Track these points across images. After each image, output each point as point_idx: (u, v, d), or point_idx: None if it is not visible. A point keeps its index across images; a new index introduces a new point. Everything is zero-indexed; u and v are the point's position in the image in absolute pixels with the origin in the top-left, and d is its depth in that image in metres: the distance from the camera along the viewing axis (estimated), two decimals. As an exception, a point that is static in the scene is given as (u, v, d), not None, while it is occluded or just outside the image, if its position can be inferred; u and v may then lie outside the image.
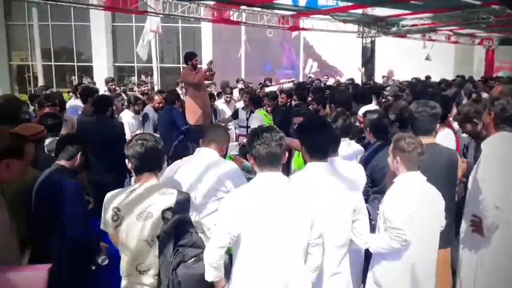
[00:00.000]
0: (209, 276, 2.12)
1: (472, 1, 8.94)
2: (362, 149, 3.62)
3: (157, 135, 5.37)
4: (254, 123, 4.90)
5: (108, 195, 2.27)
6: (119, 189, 2.32)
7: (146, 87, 8.75)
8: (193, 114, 5.85)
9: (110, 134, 4.35)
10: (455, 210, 2.93)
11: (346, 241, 2.41)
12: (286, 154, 2.23)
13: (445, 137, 3.60)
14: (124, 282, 2.27)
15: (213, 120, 6.72)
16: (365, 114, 3.69)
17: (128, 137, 6.02)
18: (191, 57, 5.80)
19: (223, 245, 2.07)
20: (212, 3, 8.83)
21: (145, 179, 2.26)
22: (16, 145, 2.19)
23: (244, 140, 6.61)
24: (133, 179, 2.69)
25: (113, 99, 5.70)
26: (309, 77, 13.77)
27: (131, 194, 2.23)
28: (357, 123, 4.26)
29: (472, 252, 2.83)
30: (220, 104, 7.84)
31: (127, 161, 2.27)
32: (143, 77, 10.72)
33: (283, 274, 2.07)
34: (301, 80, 15.62)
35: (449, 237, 2.88)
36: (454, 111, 4.21)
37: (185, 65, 6.03)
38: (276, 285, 2.06)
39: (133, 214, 2.20)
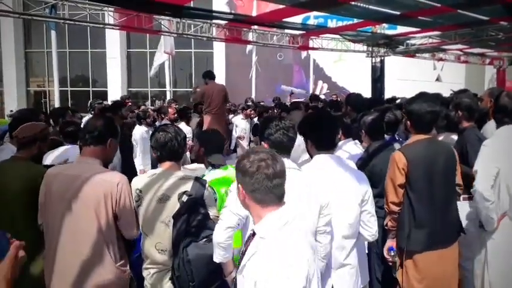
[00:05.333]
0: (217, 257, 2.14)
1: (480, 17, 9.02)
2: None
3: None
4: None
5: (134, 179, 2.45)
6: (145, 173, 2.53)
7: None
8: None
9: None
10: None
11: (355, 232, 2.40)
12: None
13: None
14: (145, 263, 2.34)
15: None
16: (361, 116, 3.69)
17: (141, 150, 6.33)
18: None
19: (231, 225, 2.09)
20: (224, 23, 9.08)
21: (166, 166, 2.44)
22: (115, 126, 2.51)
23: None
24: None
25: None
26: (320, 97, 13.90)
27: (152, 177, 2.39)
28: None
29: (479, 250, 2.80)
30: (238, 120, 8.10)
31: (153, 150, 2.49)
32: (157, 102, 11.08)
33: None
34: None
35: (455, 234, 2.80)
36: None
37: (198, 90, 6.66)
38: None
39: (153, 196, 2.33)
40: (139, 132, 6.48)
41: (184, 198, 2.28)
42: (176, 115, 6.70)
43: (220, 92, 6.90)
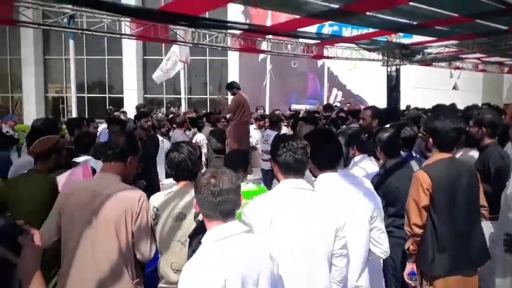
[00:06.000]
0: None
1: (499, 26, 8.86)
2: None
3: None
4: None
5: (152, 196, 2.46)
6: (162, 191, 2.53)
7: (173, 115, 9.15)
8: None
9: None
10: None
11: (366, 251, 2.35)
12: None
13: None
14: (160, 283, 2.35)
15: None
16: (376, 132, 3.63)
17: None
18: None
19: None
20: (239, 32, 9.12)
21: (181, 184, 2.46)
22: (136, 143, 2.53)
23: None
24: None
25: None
26: (335, 106, 13.81)
27: (169, 195, 2.41)
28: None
29: (503, 274, 2.70)
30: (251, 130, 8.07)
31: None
32: (171, 109, 11.23)
33: (307, 284, 2.03)
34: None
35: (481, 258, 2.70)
36: None
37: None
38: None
39: (169, 215, 2.34)
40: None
41: (200, 217, 2.28)
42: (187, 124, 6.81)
43: (247, 101, 6.96)
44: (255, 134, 7.91)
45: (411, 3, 6.69)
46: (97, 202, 2.26)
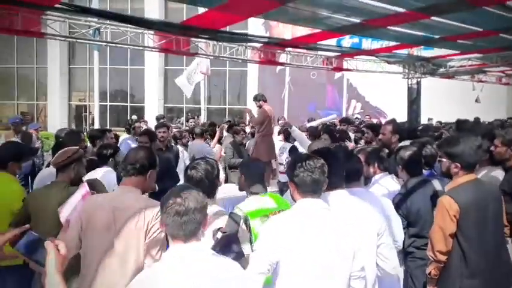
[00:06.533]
0: None
1: (524, 40, 8.69)
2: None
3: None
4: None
5: None
6: None
7: (193, 123, 9.21)
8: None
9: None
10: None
11: (374, 271, 2.32)
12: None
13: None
14: None
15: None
16: (398, 150, 3.58)
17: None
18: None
19: (262, 271, 2.03)
20: (259, 45, 9.19)
21: None
22: (154, 158, 2.58)
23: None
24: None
25: None
26: (356, 118, 13.74)
27: None
28: None
29: None
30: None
31: None
32: (190, 120, 11.31)
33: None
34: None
35: (509, 279, 2.64)
36: None
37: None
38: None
39: None
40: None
41: (219, 235, 2.28)
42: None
43: (272, 113, 6.99)
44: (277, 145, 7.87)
45: (433, 17, 6.64)
46: (118, 216, 2.31)
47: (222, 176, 7.24)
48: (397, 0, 5.69)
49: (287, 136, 7.53)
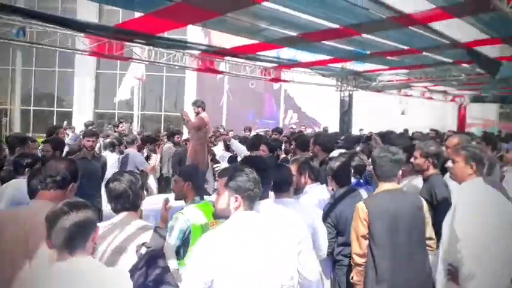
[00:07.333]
0: None
1: (445, 59, 9.47)
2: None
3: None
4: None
5: None
6: (102, 222, 2.33)
7: (123, 127, 8.85)
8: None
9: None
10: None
11: (296, 278, 2.32)
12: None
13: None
14: None
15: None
16: (327, 161, 3.67)
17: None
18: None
19: None
20: (197, 52, 9.08)
21: (122, 215, 2.31)
22: (77, 170, 2.46)
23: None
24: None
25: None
26: (291, 127, 14.05)
27: (108, 227, 2.25)
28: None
29: None
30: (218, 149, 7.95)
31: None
32: (121, 125, 10.53)
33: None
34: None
35: None
36: None
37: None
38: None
39: (107, 248, 2.18)
40: (110, 161, 6.15)
41: (143, 250, 2.16)
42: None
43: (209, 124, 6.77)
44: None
45: (364, 35, 7.00)
46: (32, 236, 2.10)
47: (155, 186, 7.01)
48: (331, 16, 5.90)
49: (228, 145, 7.49)
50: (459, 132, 11.78)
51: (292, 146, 6.17)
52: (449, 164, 2.85)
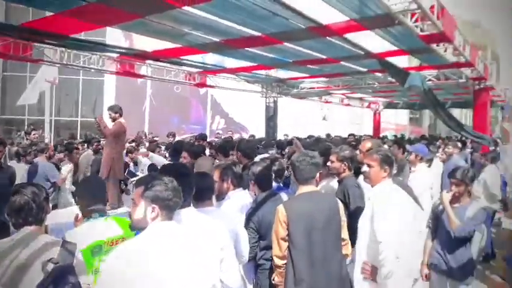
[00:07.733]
0: None
1: (360, 68, 10.09)
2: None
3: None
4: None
5: None
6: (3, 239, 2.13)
7: (35, 135, 8.14)
8: None
9: None
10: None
11: (218, 286, 2.29)
12: None
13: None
14: None
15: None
16: (250, 166, 3.66)
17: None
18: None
19: None
20: (115, 55, 8.66)
21: (26, 230, 2.13)
22: None
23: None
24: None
25: None
26: (217, 133, 13.98)
27: (9, 243, 2.07)
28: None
29: None
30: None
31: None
32: (34, 132, 9.46)
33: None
34: (208, 135, 15.75)
35: None
36: None
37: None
38: None
39: (9, 265, 2.00)
40: (20, 172, 5.56)
41: (49, 266, 1.97)
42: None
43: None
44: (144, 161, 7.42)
45: (285, 43, 7.18)
46: None
47: (69, 197, 6.50)
48: (250, 23, 5.96)
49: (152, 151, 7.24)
50: (373, 137, 12.62)
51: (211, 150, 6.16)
52: (365, 168, 2.98)
